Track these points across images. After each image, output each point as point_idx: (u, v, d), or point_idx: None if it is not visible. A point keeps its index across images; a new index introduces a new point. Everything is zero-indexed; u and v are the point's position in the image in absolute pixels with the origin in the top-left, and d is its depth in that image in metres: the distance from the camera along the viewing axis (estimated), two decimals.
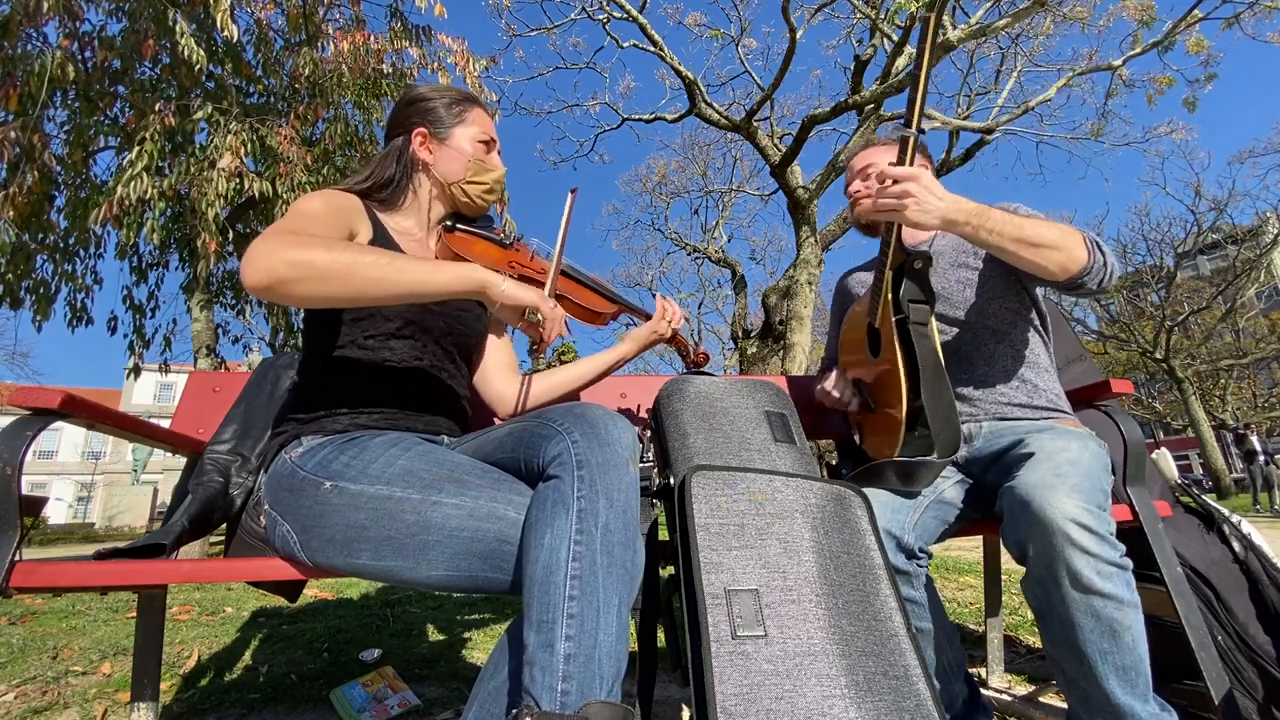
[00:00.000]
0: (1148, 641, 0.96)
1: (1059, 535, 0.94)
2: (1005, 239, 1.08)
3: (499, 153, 1.20)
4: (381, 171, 1.13)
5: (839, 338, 1.49)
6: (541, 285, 1.15)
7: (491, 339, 1.27)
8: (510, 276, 1.13)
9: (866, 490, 1.05)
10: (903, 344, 1.16)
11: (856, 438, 1.38)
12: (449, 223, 1.19)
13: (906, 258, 1.19)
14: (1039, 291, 1.35)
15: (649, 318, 1.33)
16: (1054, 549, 0.95)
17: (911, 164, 1.11)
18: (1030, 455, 1.11)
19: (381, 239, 1.05)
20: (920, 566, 1.12)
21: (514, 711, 0.66)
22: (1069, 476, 1.01)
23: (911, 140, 1.10)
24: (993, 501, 1.21)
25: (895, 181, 1.09)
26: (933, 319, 1.21)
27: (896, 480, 1.17)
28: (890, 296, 1.20)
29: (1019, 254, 1.10)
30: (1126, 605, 0.94)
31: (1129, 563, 0.97)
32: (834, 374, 1.35)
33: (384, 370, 1.04)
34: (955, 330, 1.34)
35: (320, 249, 0.83)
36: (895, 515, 1.12)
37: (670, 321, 1.33)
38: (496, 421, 1.19)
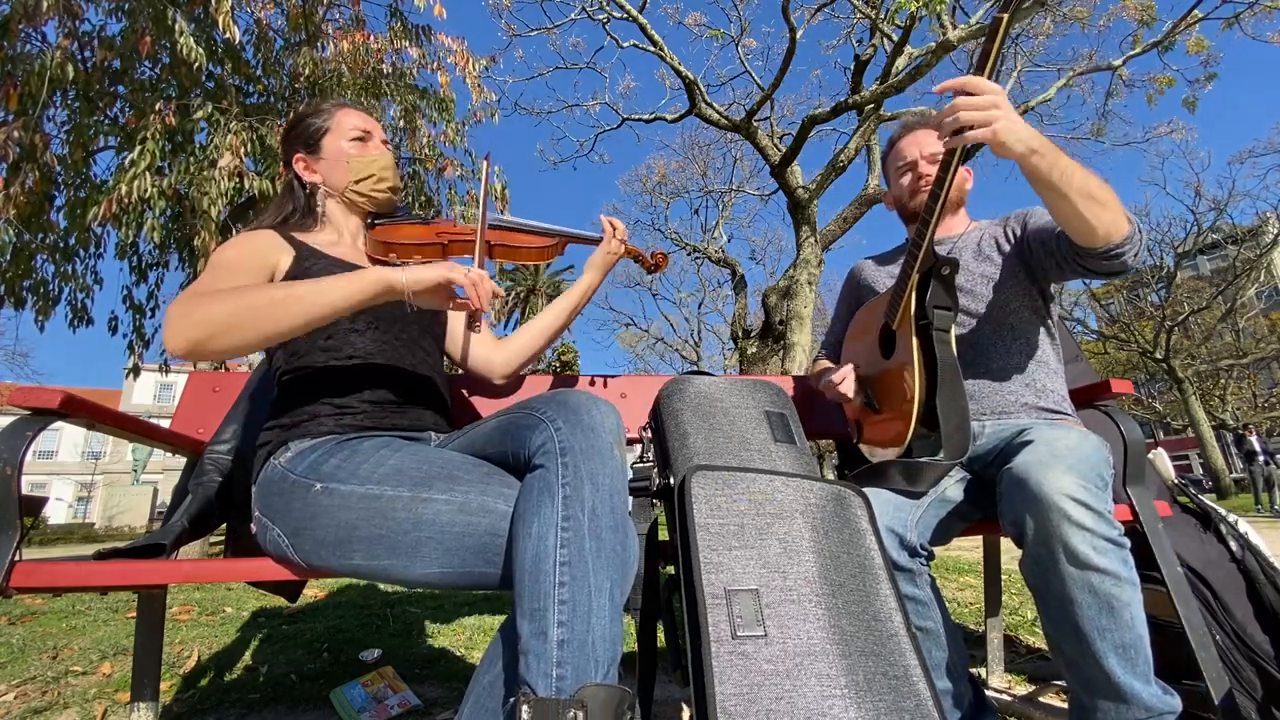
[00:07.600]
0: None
1: (1055, 511, 0.94)
2: (1071, 185, 1.00)
3: (384, 142, 1.21)
4: (285, 205, 1.18)
5: (846, 332, 1.48)
6: (473, 245, 1.19)
7: (454, 315, 1.29)
8: (440, 244, 1.18)
9: (868, 489, 1.04)
10: (923, 349, 1.16)
11: (854, 436, 1.38)
12: (369, 222, 1.23)
13: (936, 261, 1.17)
14: (1053, 289, 1.34)
15: (598, 242, 1.35)
16: (1050, 524, 0.94)
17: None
18: (1029, 442, 1.12)
19: (308, 257, 1.07)
20: (923, 565, 1.12)
21: (511, 700, 0.66)
22: (1066, 458, 1.01)
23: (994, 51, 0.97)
24: (995, 498, 1.21)
25: (971, 95, 0.96)
26: (953, 326, 1.20)
27: (900, 480, 1.17)
28: (915, 300, 1.19)
29: (1076, 205, 1.01)
30: (1124, 582, 0.93)
31: (1127, 542, 0.96)
32: (846, 369, 1.33)
33: (353, 368, 1.05)
34: (973, 323, 1.33)
35: (218, 303, 0.84)
36: (897, 513, 1.12)
37: (618, 237, 1.35)
38: (484, 414, 1.19)
